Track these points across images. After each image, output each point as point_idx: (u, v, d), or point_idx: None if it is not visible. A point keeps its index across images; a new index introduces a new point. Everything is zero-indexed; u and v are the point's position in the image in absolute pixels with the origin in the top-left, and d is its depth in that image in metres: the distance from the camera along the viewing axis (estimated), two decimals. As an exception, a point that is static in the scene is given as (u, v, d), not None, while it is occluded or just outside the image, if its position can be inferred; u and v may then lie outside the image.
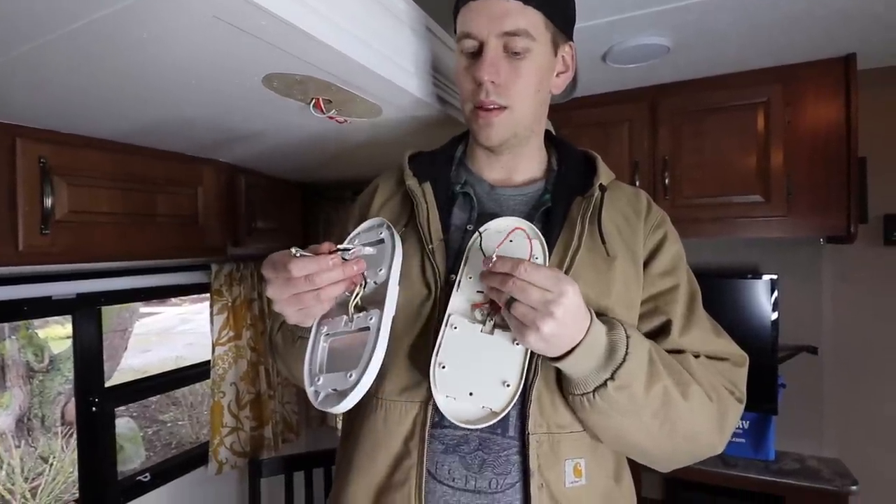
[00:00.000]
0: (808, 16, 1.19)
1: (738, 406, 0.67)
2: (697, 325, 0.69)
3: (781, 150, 1.50)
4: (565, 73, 0.74)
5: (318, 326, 0.61)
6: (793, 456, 1.69)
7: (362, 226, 0.67)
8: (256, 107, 0.90)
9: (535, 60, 0.67)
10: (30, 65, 0.67)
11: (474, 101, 0.68)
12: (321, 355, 0.60)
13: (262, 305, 1.75)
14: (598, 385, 0.57)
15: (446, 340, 0.61)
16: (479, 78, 0.66)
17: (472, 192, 0.72)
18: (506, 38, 0.65)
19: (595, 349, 0.57)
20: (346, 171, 1.66)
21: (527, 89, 0.67)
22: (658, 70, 1.51)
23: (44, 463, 3.00)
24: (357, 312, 0.59)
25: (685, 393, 0.61)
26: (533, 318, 0.52)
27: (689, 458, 0.67)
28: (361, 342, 0.56)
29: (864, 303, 1.67)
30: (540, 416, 0.62)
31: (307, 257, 0.56)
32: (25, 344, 3.39)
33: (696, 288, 0.73)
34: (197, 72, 0.73)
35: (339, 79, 0.78)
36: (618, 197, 0.74)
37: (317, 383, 0.58)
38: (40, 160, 0.96)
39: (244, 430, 1.67)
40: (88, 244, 1.05)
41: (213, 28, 0.58)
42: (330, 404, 0.55)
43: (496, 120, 0.68)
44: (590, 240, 0.66)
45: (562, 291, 0.52)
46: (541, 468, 0.61)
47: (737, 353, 0.71)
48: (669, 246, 0.72)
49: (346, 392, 0.54)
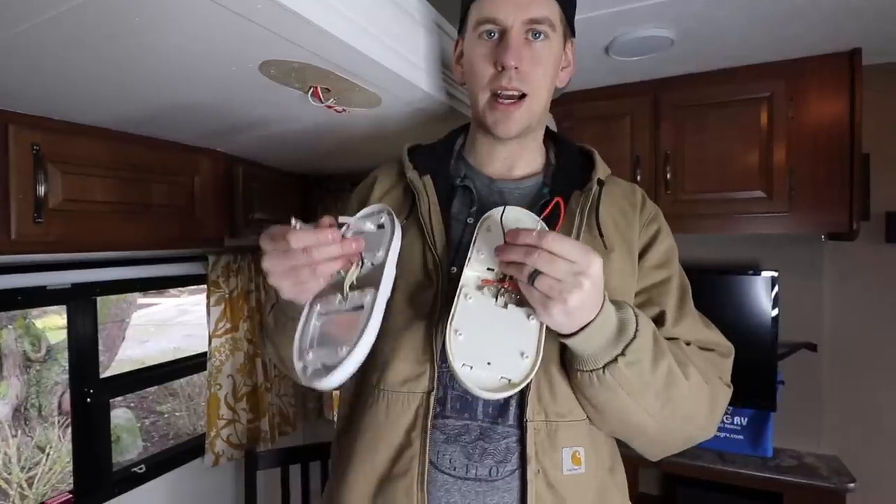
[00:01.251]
0: (814, 9, 1.17)
1: (727, 391, 0.69)
2: (689, 316, 0.71)
3: (784, 146, 1.49)
4: (568, 68, 0.76)
5: (311, 305, 0.60)
6: (791, 453, 1.69)
7: (363, 211, 0.66)
8: (254, 95, 0.89)
9: (552, 50, 0.69)
10: (21, 49, 0.66)
11: (493, 87, 0.68)
12: (312, 333, 0.58)
13: (259, 297, 1.74)
14: (609, 361, 0.58)
15: (461, 310, 0.59)
16: (505, 62, 0.66)
17: (472, 185, 0.73)
18: (531, 24, 0.67)
19: (607, 326, 0.57)
20: (346, 163, 1.65)
21: (545, 77, 0.69)
22: (661, 63, 1.49)
23: (40, 453, 3.00)
24: (352, 292, 0.57)
25: (686, 373, 0.62)
26: (560, 289, 0.52)
27: (682, 442, 0.68)
28: (354, 321, 0.55)
29: (864, 301, 1.66)
30: (538, 403, 0.63)
31: (307, 229, 0.55)
32: (23, 334, 3.39)
33: (686, 281, 0.75)
34: (192, 58, 0.71)
35: (338, 67, 0.77)
36: (614, 191, 0.75)
37: (306, 358, 0.56)
38: (33, 147, 0.94)
39: (241, 422, 1.67)
40: (83, 233, 1.04)
41: (207, 12, 0.57)
42: (318, 379, 0.53)
43: (515, 113, 0.69)
44: (588, 233, 0.68)
45: (590, 262, 0.52)
46: (538, 455, 0.62)
47: (724, 343, 0.73)
48: (663, 239, 0.74)
49: (336, 365, 0.52)
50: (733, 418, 1.70)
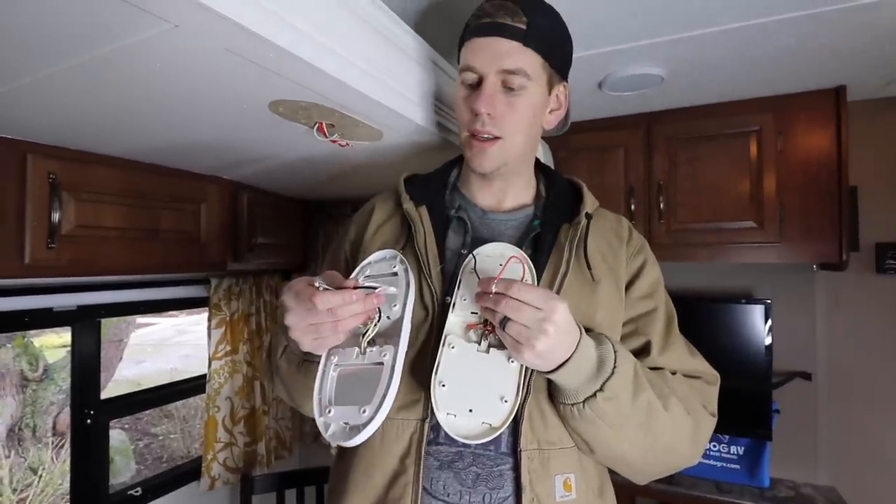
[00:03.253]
0: (799, 49, 1.23)
1: (711, 420, 0.70)
2: (674, 345, 0.73)
3: (774, 178, 1.53)
4: (558, 110, 0.79)
5: (328, 356, 0.62)
6: (787, 483, 1.69)
7: (375, 255, 0.69)
8: (262, 130, 0.93)
9: (529, 98, 0.71)
10: (45, 88, 0.70)
11: (470, 129, 0.72)
12: (330, 385, 0.61)
13: (260, 320, 1.76)
14: (588, 396, 0.60)
15: (444, 360, 0.63)
16: (476, 109, 0.70)
17: (465, 216, 0.76)
18: (504, 75, 0.69)
19: (585, 363, 0.60)
20: (347, 190, 1.69)
21: (519, 123, 0.71)
22: (652, 98, 1.55)
23: (33, 474, 2.96)
24: (370, 346, 0.60)
25: (666, 405, 0.64)
26: (527, 335, 0.55)
27: (665, 469, 0.70)
28: (373, 376, 0.58)
29: (857, 330, 1.68)
30: (531, 433, 0.65)
31: (331, 291, 0.57)
32: (21, 352, 3.37)
33: (672, 311, 0.77)
34: (206, 98, 0.76)
35: (342, 106, 0.81)
36: (602, 224, 0.78)
37: (327, 415, 0.59)
38: (49, 176, 0.98)
39: (238, 445, 1.66)
40: (93, 258, 1.07)
41: (223, 59, 0.62)
42: (341, 438, 0.57)
43: (489, 150, 0.72)
44: (576, 265, 0.70)
45: (553, 308, 0.55)
46: (532, 483, 0.63)
47: (709, 371, 0.75)
48: (649, 271, 0.77)
49: (360, 428, 0.56)
50: (730, 447, 1.69)
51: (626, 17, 1.07)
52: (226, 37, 0.56)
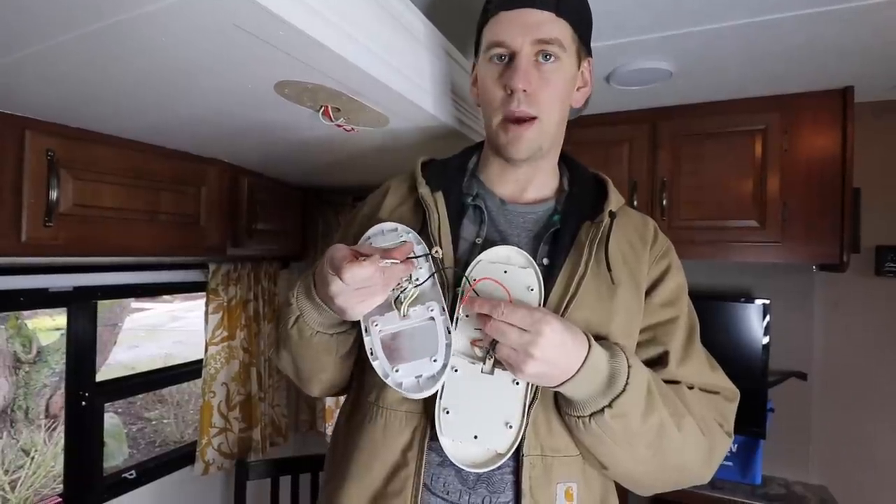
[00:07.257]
0: (808, 49, 1.22)
1: (726, 440, 0.68)
2: (694, 357, 0.69)
3: (778, 178, 1.53)
4: (584, 87, 0.75)
5: (371, 324, 0.62)
6: (779, 481, 1.70)
7: (373, 230, 0.68)
8: (267, 111, 0.92)
9: (563, 72, 0.68)
10: (47, 60, 0.68)
11: (504, 110, 0.67)
12: (382, 349, 0.62)
13: (258, 307, 1.75)
14: (595, 411, 0.58)
15: (448, 384, 0.61)
16: (513, 86, 0.65)
17: (483, 205, 0.72)
18: (539, 45, 0.66)
19: (596, 376, 0.57)
20: (349, 178, 1.67)
21: (555, 99, 0.68)
22: (660, 93, 1.54)
23: (25, 456, 2.95)
24: (412, 306, 0.62)
25: (679, 425, 0.61)
26: (516, 358, 0.54)
27: (674, 486, 0.68)
28: (428, 331, 0.61)
29: (854, 331, 1.69)
30: (535, 438, 0.62)
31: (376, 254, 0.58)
32: (14, 334, 3.35)
33: (695, 320, 0.73)
34: (211, 76, 0.74)
35: (350, 89, 0.80)
36: (625, 223, 0.73)
37: (395, 374, 0.60)
38: (48, 153, 0.96)
39: (233, 431, 1.66)
40: (90, 238, 1.06)
41: (231, 35, 0.60)
42: (416, 391, 0.59)
43: (526, 133, 0.67)
44: (596, 266, 0.66)
45: (538, 331, 0.53)
46: (532, 490, 0.61)
47: (729, 387, 0.71)
48: (673, 277, 0.72)
49: (436, 376, 0.59)
50: (724, 444, 1.70)
51: (637, 7, 1.05)
52: (235, 11, 0.54)
